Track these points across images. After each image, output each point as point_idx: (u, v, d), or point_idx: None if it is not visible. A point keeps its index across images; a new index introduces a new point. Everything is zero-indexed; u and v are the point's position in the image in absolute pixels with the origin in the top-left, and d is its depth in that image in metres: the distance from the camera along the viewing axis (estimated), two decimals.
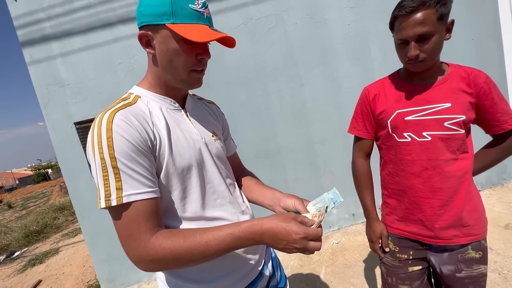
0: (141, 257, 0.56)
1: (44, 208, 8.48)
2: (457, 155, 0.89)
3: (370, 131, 1.07)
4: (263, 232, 0.57)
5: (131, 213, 0.56)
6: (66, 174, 2.49)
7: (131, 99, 0.66)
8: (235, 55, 2.47)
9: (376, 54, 2.54)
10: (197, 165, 0.69)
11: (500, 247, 1.96)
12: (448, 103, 0.86)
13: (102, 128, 0.56)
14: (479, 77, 0.86)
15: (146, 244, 0.56)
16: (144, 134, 0.59)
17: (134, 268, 2.58)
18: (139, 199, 0.56)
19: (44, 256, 4.21)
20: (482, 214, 0.95)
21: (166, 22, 0.59)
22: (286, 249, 0.58)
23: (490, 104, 0.86)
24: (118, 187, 0.55)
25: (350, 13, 2.49)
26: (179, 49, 0.62)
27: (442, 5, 0.78)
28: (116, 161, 0.54)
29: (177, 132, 0.67)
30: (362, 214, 1.14)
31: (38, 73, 2.38)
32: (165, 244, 0.56)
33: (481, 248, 0.93)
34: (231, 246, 0.58)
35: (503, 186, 2.79)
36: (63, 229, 5.78)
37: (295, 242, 0.56)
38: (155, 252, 0.56)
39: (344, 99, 2.57)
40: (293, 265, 2.36)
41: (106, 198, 0.55)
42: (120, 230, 0.57)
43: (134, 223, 0.56)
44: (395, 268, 1.05)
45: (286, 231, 0.56)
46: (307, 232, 0.56)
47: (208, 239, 0.56)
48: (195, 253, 0.56)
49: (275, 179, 2.66)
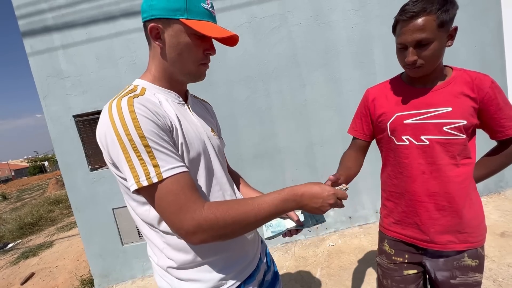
0: (199, 225, 0.56)
1: (39, 201, 8.41)
2: (458, 160, 0.88)
3: (367, 132, 1.08)
4: (303, 193, 0.64)
5: (175, 186, 0.56)
6: (63, 167, 2.47)
7: (139, 91, 0.66)
8: (238, 54, 2.46)
9: (379, 58, 2.54)
10: (204, 156, 0.70)
11: (495, 255, 1.97)
12: (448, 107, 0.86)
13: (124, 111, 0.56)
14: (484, 82, 0.85)
15: (202, 210, 0.57)
16: (162, 120, 0.61)
17: (128, 263, 2.60)
18: (178, 172, 0.57)
19: (38, 249, 4.18)
20: (482, 222, 0.94)
21: (180, 17, 0.62)
22: (322, 206, 0.65)
23: (495, 109, 0.85)
24: (154, 164, 0.55)
25: (355, 16, 2.49)
26: (190, 44, 0.65)
27: (443, 12, 0.77)
28: (147, 139, 0.55)
29: (185, 124, 0.69)
30: (359, 217, 1.14)
31: (38, 64, 2.35)
32: (222, 208, 0.58)
33: (478, 256, 0.92)
34: (280, 208, 0.62)
35: (500, 194, 2.80)
36: (58, 222, 5.74)
37: (329, 197, 0.65)
38: (214, 216, 0.57)
39: (346, 102, 2.56)
40: (288, 266, 2.35)
41: (147, 176, 0.55)
42: (168, 206, 0.57)
43: (181, 195, 0.57)
44: (391, 270, 1.05)
45: (321, 189, 0.65)
46: (336, 190, 0.67)
47: (259, 203, 0.61)
48: (250, 215, 0.59)
49: (274, 179, 2.65)
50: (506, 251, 1.99)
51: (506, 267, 1.84)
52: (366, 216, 2.72)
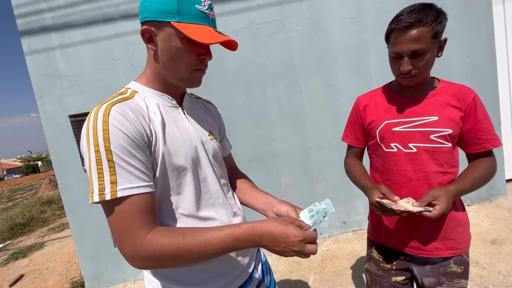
0: (136, 253, 0.55)
1: (31, 201, 8.28)
2: (445, 168, 0.90)
3: (361, 139, 1.10)
4: (263, 234, 0.57)
5: (127, 207, 0.54)
6: (57, 167, 2.45)
7: (128, 94, 0.65)
8: (236, 58, 2.48)
9: (375, 65, 2.58)
10: (193, 163, 0.68)
11: (486, 262, 1.99)
12: (435, 116, 0.88)
13: (98, 120, 0.55)
14: (468, 94, 0.88)
15: (143, 240, 0.54)
16: (140, 129, 0.58)
17: (121, 266, 2.57)
18: (134, 193, 0.55)
19: (28, 250, 4.11)
20: (466, 229, 0.96)
21: (172, 20, 0.59)
22: (284, 252, 0.58)
23: (474, 121, 0.87)
24: (112, 180, 0.53)
25: (351, 24, 2.54)
26: (182, 48, 0.62)
27: (438, 23, 0.79)
28: (112, 154, 0.53)
29: (174, 129, 0.67)
30: (353, 222, 1.15)
31: (35, 63, 2.35)
32: (163, 240, 0.55)
33: (463, 262, 0.94)
34: (230, 247, 0.57)
35: (491, 202, 2.84)
36: (50, 223, 5.65)
37: (294, 244, 0.56)
38: (152, 248, 0.54)
39: (342, 108, 2.60)
40: (282, 270, 2.35)
41: (100, 191, 0.53)
42: (115, 225, 0.55)
43: (129, 218, 0.54)
44: (379, 277, 1.06)
45: (285, 234, 0.56)
46: (305, 234, 0.57)
47: (207, 238, 0.56)
48: (193, 251, 0.55)
49: (269, 183, 2.66)
50: (496, 258, 2.01)
51: (496, 274, 1.86)
52: (360, 221, 2.73)
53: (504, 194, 2.88)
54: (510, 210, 2.62)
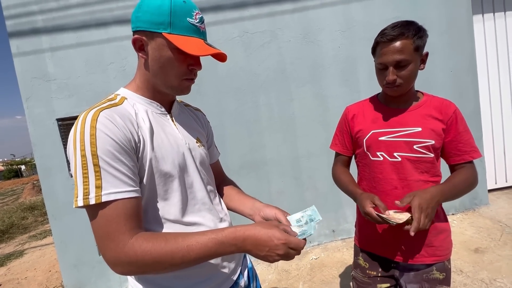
0: (118, 258, 0.54)
1: (12, 206, 7.92)
2: (427, 177, 0.95)
3: (349, 148, 1.13)
4: (246, 238, 0.57)
5: (111, 212, 0.54)
6: (42, 172, 2.38)
7: (118, 100, 0.66)
8: (229, 66, 2.51)
9: (363, 77, 2.67)
10: (180, 170, 0.68)
11: (469, 270, 2.04)
12: (418, 127, 0.93)
13: (86, 125, 0.55)
14: (449, 107, 0.93)
15: (125, 245, 0.54)
16: (128, 134, 0.59)
17: (104, 275, 2.49)
18: (119, 198, 0.55)
19: (6, 258, 3.91)
20: (448, 236, 1.00)
21: (163, 31, 0.61)
22: (268, 256, 0.58)
23: (454, 133, 0.92)
24: (97, 185, 0.53)
25: (341, 37, 2.63)
26: (172, 58, 0.64)
27: (418, 37, 0.86)
28: (98, 158, 0.53)
29: (161, 136, 0.67)
30: (342, 230, 1.16)
31: (23, 65, 2.30)
32: (145, 246, 0.54)
33: (445, 269, 0.97)
34: (213, 252, 0.57)
35: (474, 211, 2.92)
36: (31, 230, 5.42)
37: (277, 248, 0.56)
38: (134, 254, 0.54)
39: (331, 117, 2.65)
40: (270, 279, 2.32)
41: (85, 196, 0.53)
42: (98, 229, 0.55)
43: (113, 222, 0.54)
44: (365, 284, 1.08)
45: (268, 236, 0.57)
46: (289, 239, 0.57)
47: (190, 243, 0.55)
48: (176, 257, 0.55)
49: (259, 190, 2.66)
50: (479, 266, 2.06)
51: (479, 282, 1.90)
52: (348, 229, 2.75)
53: (486, 203, 2.98)
54: (492, 219, 2.71)
